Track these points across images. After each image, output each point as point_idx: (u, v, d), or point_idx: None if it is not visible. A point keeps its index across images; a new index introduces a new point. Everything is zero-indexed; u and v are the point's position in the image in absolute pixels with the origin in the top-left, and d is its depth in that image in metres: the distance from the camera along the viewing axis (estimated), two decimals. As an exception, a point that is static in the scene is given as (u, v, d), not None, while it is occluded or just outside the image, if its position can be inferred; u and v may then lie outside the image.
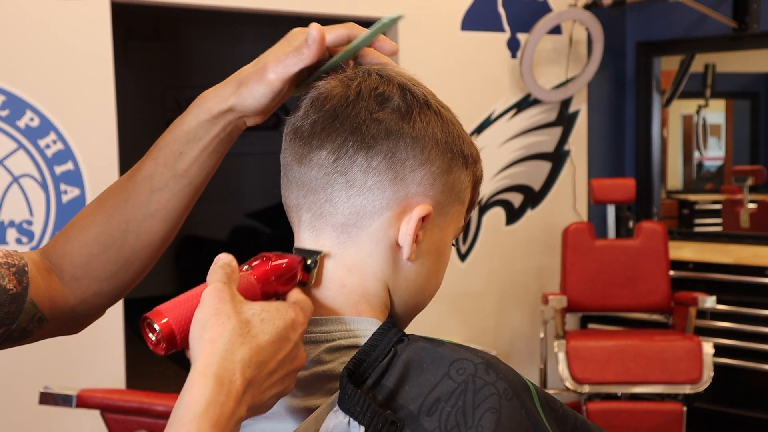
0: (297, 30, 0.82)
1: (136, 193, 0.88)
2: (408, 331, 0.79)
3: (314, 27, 0.78)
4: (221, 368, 0.63)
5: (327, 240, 0.76)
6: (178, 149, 0.87)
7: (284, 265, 0.74)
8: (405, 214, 0.75)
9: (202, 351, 0.64)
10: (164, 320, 0.68)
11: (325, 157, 0.74)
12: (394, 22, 0.80)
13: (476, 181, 0.82)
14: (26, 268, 0.87)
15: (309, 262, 0.76)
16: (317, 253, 0.76)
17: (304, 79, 0.82)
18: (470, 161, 0.80)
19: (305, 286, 0.76)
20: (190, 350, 0.66)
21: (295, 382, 0.69)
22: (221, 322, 0.65)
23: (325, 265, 0.76)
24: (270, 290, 0.73)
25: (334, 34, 0.80)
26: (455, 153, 0.78)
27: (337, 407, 0.68)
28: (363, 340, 0.73)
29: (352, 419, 0.67)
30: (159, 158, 0.88)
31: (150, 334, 0.69)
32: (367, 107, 0.75)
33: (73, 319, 0.93)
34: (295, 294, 0.73)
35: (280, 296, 0.74)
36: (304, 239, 0.78)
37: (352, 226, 0.75)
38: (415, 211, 0.74)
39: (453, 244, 0.83)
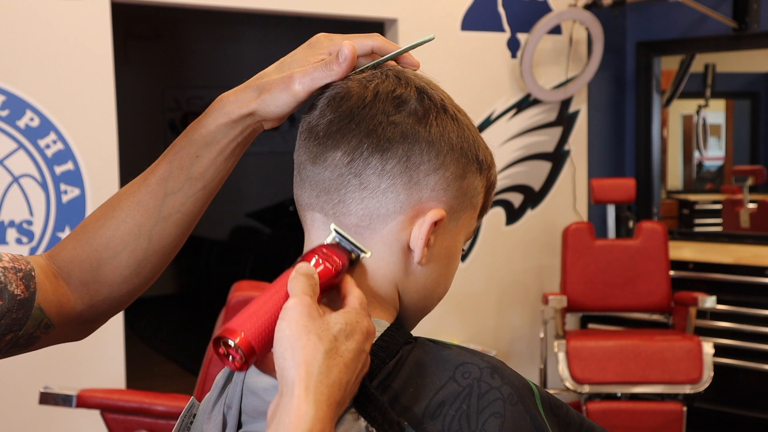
0: (322, 36, 0.81)
1: (149, 196, 0.87)
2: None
3: (347, 45, 0.77)
4: (319, 393, 0.63)
5: None
6: (195, 152, 0.85)
7: (340, 266, 0.73)
8: (417, 218, 0.75)
9: (298, 375, 0.63)
10: (241, 336, 0.67)
11: (340, 158, 0.74)
12: (424, 42, 0.80)
13: (489, 187, 0.82)
14: (33, 273, 0.85)
15: (354, 256, 0.75)
16: (360, 250, 0.75)
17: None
18: (484, 167, 0.79)
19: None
20: (278, 368, 0.65)
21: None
22: (313, 343, 0.64)
23: None
24: (327, 290, 0.73)
25: (360, 45, 0.79)
26: (470, 158, 0.77)
27: (353, 408, 0.68)
28: None
29: (364, 421, 0.67)
30: (174, 161, 0.86)
31: (225, 352, 0.68)
32: (383, 109, 0.74)
33: (80, 325, 0.92)
34: (355, 293, 0.72)
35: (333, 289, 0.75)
36: (315, 239, 0.77)
37: (365, 228, 0.75)
38: (428, 216, 0.74)
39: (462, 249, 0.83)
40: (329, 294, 0.74)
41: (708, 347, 3.45)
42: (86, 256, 0.88)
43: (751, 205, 4.68)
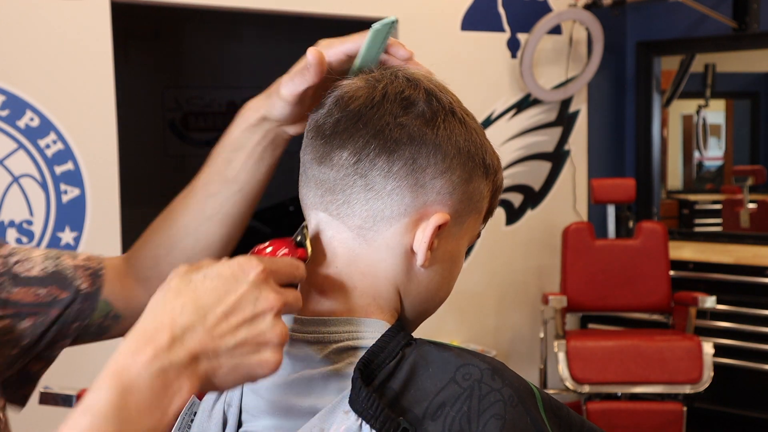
0: (323, 42, 0.84)
1: (194, 199, 0.97)
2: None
3: (309, 52, 0.80)
4: (146, 321, 0.63)
5: (341, 241, 0.75)
6: (227, 157, 0.94)
7: (270, 253, 0.73)
8: (422, 221, 0.74)
9: (141, 317, 0.65)
10: None
11: (346, 158, 0.74)
12: (388, 27, 0.80)
13: (495, 191, 0.81)
14: (101, 272, 0.99)
15: (299, 238, 0.75)
16: (301, 226, 0.76)
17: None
18: (491, 171, 0.79)
19: (306, 262, 0.75)
20: None
21: (279, 326, 0.66)
22: (162, 289, 0.66)
23: (339, 267, 0.75)
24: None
25: (331, 51, 0.82)
26: (476, 163, 0.77)
27: (348, 408, 0.67)
28: (371, 342, 0.72)
29: (364, 422, 0.66)
30: (212, 166, 0.96)
31: None
32: (391, 110, 0.74)
33: None
34: None
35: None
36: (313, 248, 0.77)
37: (368, 229, 0.74)
38: (432, 219, 0.73)
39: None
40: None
41: (708, 347, 3.45)
42: (147, 254, 1.01)
43: (751, 205, 4.69)
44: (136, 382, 0.60)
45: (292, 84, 0.82)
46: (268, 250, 0.74)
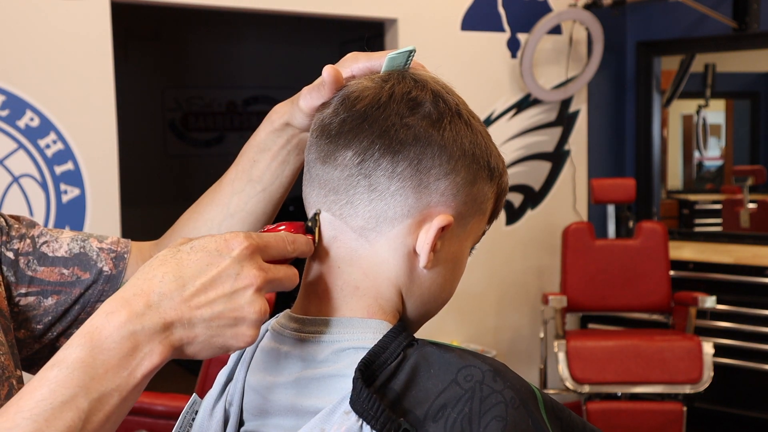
0: (350, 54, 0.84)
1: (220, 195, 1.00)
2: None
3: (325, 69, 0.80)
4: (128, 287, 0.65)
5: (344, 241, 0.75)
6: (253, 157, 0.97)
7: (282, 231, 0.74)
8: (425, 222, 0.74)
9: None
10: None
11: (350, 158, 0.73)
12: (406, 55, 0.79)
13: (500, 193, 0.81)
14: (126, 255, 1.01)
15: (310, 223, 0.76)
16: (314, 212, 0.76)
17: None
18: (495, 174, 0.79)
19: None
20: None
21: (259, 303, 0.67)
22: (152, 258, 0.68)
23: (341, 267, 0.75)
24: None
25: (356, 66, 0.82)
26: (481, 165, 0.76)
27: (348, 408, 0.67)
28: (372, 343, 0.72)
29: (365, 423, 0.66)
30: (239, 165, 0.99)
31: None
32: (397, 111, 0.74)
33: None
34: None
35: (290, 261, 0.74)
36: (322, 239, 0.77)
37: (371, 230, 0.74)
38: (435, 221, 0.73)
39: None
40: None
41: (708, 347, 3.45)
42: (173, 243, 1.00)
43: (751, 205, 4.69)
44: (106, 342, 0.62)
45: (310, 97, 0.83)
46: (280, 231, 0.75)
